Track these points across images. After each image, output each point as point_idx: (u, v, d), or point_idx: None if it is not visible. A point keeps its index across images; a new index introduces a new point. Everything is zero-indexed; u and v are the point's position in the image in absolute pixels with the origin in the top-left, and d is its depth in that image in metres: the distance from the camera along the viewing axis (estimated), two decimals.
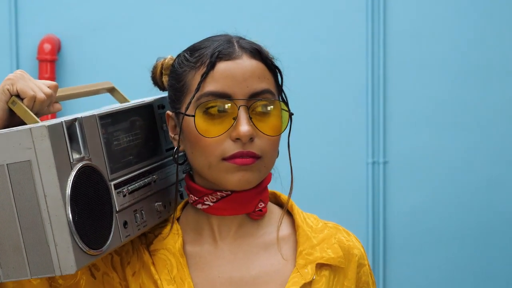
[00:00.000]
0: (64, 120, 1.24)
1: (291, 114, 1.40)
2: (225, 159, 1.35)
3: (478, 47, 3.39)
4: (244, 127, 1.33)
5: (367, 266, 1.48)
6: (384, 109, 3.44)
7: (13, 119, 1.35)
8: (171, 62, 1.47)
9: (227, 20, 3.22)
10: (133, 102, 1.57)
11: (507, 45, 3.38)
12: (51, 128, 1.21)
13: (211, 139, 1.35)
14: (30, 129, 1.21)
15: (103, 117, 1.35)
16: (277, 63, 1.43)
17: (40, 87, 1.35)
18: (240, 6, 3.34)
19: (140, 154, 1.43)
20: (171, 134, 1.44)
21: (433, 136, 3.43)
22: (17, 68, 3.22)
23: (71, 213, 1.21)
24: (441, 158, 3.44)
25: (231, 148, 1.34)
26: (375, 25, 3.38)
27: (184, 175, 1.53)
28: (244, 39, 1.42)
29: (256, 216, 1.43)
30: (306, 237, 1.43)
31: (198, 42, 1.43)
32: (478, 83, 3.40)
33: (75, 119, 1.27)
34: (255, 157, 1.35)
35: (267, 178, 1.43)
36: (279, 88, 1.42)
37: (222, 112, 1.35)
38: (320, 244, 1.43)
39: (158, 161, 1.48)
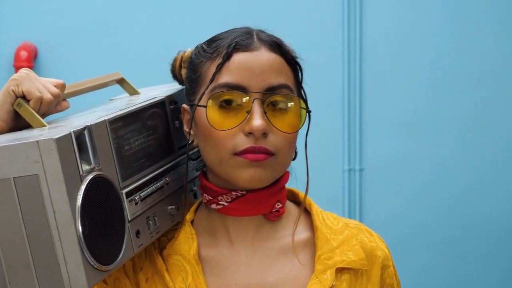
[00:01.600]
0: (73, 131, 1.17)
1: (308, 112, 1.34)
2: (236, 154, 1.28)
3: (454, 54, 3.38)
4: (257, 121, 1.27)
5: (391, 267, 1.42)
6: (360, 116, 3.42)
7: (18, 122, 1.29)
8: (190, 55, 1.41)
9: (205, 26, 3.17)
10: (143, 94, 1.51)
11: (483, 51, 3.38)
12: (59, 140, 1.14)
13: (223, 132, 1.29)
14: (37, 141, 1.13)
15: (113, 121, 1.27)
16: (299, 61, 1.37)
17: (47, 87, 1.28)
18: (213, 15, 3.30)
19: (152, 156, 1.36)
20: (185, 129, 1.38)
21: (409, 143, 3.42)
22: None
23: (82, 229, 1.15)
24: (417, 165, 3.43)
25: (243, 142, 1.28)
26: (351, 32, 3.36)
27: (197, 174, 1.48)
28: (264, 32, 1.36)
29: (274, 217, 1.37)
30: (325, 239, 1.36)
31: (218, 34, 1.37)
32: (453, 90, 3.39)
33: (84, 128, 1.20)
34: (268, 153, 1.29)
35: (284, 177, 1.37)
36: (299, 84, 1.36)
37: (236, 104, 1.29)
38: (340, 246, 1.36)
39: (171, 161, 1.41)
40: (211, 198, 1.36)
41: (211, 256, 1.37)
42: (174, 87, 1.52)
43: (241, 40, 1.32)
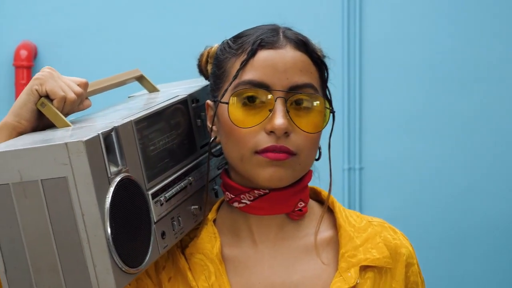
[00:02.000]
0: (101, 132, 1.16)
1: (332, 112, 1.33)
2: (257, 152, 1.27)
3: (454, 53, 3.38)
4: (279, 120, 1.26)
5: (416, 265, 1.41)
6: (360, 115, 3.41)
7: (41, 121, 1.28)
8: (216, 50, 1.40)
9: (205, 26, 3.17)
10: (163, 91, 1.50)
11: (483, 51, 3.38)
12: (88, 142, 1.12)
13: (245, 130, 1.28)
14: (66, 144, 1.12)
15: (139, 121, 1.26)
16: (327, 60, 1.36)
17: (70, 86, 1.27)
18: (212, 15, 3.29)
19: (176, 155, 1.34)
20: (208, 125, 1.37)
21: (409, 142, 3.41)
22: None
23: (110, 232, 1.14)
24: (417, 164, 3.43)
25: (265, 141, 1.27)
26: (350, 31, 3.35)
27: (218, 172, 1.47)
28: (291, 29, 1.35)
29: (296, 216, 1.36)
30: (349, 237, 1.36)
31: (244, 30, 1.36)
32: (453, 89, 3.39)
33: (111, 129, 1.18)
34: (289, 153, 1.27)
35: (307, 177, 1.36)
36: (324, 84, 1.35)
37: (259, 102, 1.28)
38: (363, 244, 1.35)
39: (193, 160, 1.40)
40: (233, 196, 1.35)
41: (234, 255, 1.36)
42: (193, 84, 1.51)
43: (266, 37, 1.31)
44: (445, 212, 3.43)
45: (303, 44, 1.32)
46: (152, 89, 1.52)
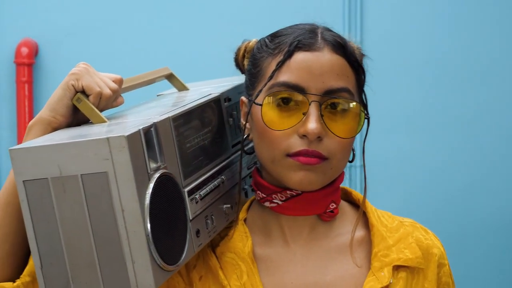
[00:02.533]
0: (142, 128, 1.15)
1: (367, 117, 1.32)
2: (289, 155, 1.26)
3: (454, 52, 3.38)
4: (312, 124, 1.24)
5: (447, 266, 1.41)
6: None
7: (76, 117, 1.27)
8: (254, 46, 1.38)
9: (205, 27, 3.16)
10: (193, 90, 1.49)
11: (484, 48, 3.38)
12: (130, 138, 1.11)
13: (278, 132, 1.26)
14: (107, 138, 1.11)
15: (176, 118, 1.25)
16: (367, 62, 1.35)
17: (106, 82, 1.26)
18: (212, 16, 3.27)
19: (209, 154, 1.34)
20: (242, 121, 1.36)
21: (410, 140, 3.41)
22: None
23: (150, 228, 1.13)
24: (418, 162, 3.42)
25: (297, 144, 1.26)
26: (352, 28, 3.35)
27: (249, 172, 1.46)
28: (330, 31, 1.33)
29: (327, 217, 1.36)
30: (381, 237, 1.35)
31: (282, 28, 1.34)
32: (454, 88, 3.39)
33: (151, 125, 1.17)
34: (321, 157, 1.26)
35: (339, 178, 1.35)
36: (360, 88, 1.34)
37: (293, 105, 1.26)
38: (396, 244, 1.35)
39: (225, 159, 1.39)
40: (264, 196, 1.34)
41: (265, 254, 1.35)
42: (221, 83, 1.51)
43: (304, 39, 1.29)
44: (446, 210, 3.43)
45: (341, 47, 1.30)
46: (181, 87, 1.51)
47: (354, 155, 1.36)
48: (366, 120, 1.32)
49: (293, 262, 1.34)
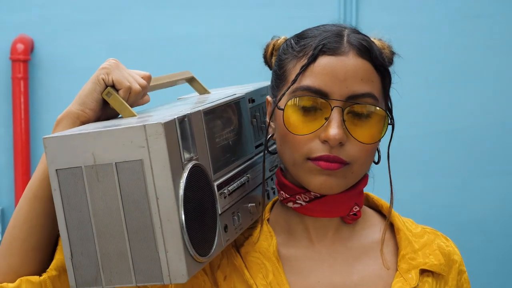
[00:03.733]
0: (177, 117, 1.16)
1: (391, 123, 1.30)
2: (310, 159, 1.26)
3: (454, 52, 3.37)
4: (334, 130, 1.23)
5: (466, 273, 1.42)
6: None
7: (105, 111, 1.27)
8: (281, 44, 1.38)
9: (205, 26, 3.17)
10: (214, 94, 1.50)
11: (482, 48, 3.38)
12: (167, 125, 1.11)
13: (299, 136, 1.26)
14: (144, 126, 1.11)
15: (208, 112, 1.25)
16: (397, 63, 1.34)
17: (135, 78, 1.26)
18: (211, 16, 3.27)
19: (236, 152, 1.34)
20: (267, 120, 1.36)
21: (411, 139, 3.41)
22: None
23: (184, 217, 1.12)
24: (419, 161, 3.41)
25: (318, 149, 1.25)
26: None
27: (271, 174, 1.46)
28: (358, 33, 1.31)
29: (350, 220, 1.36)
30: (408, 241, 1.36)
31: (308, 29, 1.33)
32: (454, 88, 3.38)
33: (185, 116, 1.17)
34: (342, 163, 1.25)
35: (363, 181, 1.34)
36: (386, 92, 1.32)
37: (315, 109, 1.25)
38: (421, 249, 1.36)
39: (250, 159, 1.39)
40: (288, 196, 1.34)
41: (290, 254, 1.35)
42: (245, 87, 1.52)
43: (328, 43, 1.27)
44: (442, 208, 3.42)
45: (366, 51, 1.28)
46: (202, 91, 1.52)
47: (380, 156, 1.35)
48: (391, 126, 1.31)
49: (319, 262, 1.34)
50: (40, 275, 1.25)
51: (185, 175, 1.14)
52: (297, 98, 1.27)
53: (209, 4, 3.23)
